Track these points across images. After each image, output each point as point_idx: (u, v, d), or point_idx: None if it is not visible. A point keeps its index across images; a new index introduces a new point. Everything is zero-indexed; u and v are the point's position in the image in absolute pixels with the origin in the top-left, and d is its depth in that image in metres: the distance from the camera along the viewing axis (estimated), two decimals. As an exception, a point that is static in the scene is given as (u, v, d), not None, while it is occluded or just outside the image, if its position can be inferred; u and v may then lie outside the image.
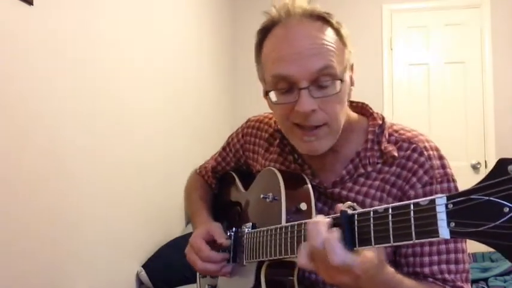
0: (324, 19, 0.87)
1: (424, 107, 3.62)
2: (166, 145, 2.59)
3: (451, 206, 0.50)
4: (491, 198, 0.46)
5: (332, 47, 0.85)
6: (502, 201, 0.45)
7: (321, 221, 0.67)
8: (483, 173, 3.50)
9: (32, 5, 1.56)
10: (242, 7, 3.90)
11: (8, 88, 1.47)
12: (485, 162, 3.50)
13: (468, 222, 0.48)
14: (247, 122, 1.22)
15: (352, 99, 0.98)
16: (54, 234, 1.66)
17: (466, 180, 0.96)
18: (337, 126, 0.89)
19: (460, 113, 3.56)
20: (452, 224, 0.50)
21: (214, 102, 3.46)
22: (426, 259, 0.88)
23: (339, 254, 0.62)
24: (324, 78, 0.84)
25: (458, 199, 0.50)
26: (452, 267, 0.88)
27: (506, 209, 0.45)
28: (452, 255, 0.88)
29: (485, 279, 2.26)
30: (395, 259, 0.93)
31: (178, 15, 2.85)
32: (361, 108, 1.02)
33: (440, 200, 0.52)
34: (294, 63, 0.83)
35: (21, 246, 1.51)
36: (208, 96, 3.32)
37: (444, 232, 0.51)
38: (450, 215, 0.50)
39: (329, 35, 0.86)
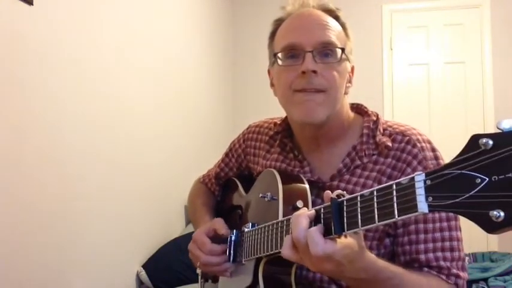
0: (331, 12, 1.00)
1: (424, 107, 3.62)
2: (166, 145, 2.59)
3: (429, 181, 0.53)
4: (464, 172, 0.49)
5: (336, 31, 0.97)
6: (474, 173, 0.48)
7: (302, 214, 0.71)
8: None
9: (32, 5, 1.57)
10: (242, 7, 3.91)
11: (8, 88, 1.48)
12: (486, 162, 3.50)
13: (444, 195, 0.51)
14: (248, 128, 1.26)
15: (352, 98, 1.04)
16: (54, 234, 1.66)
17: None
18: (334, 97, 0.95)
19: (460, 113, 3.56)
20: (430, 199, 0.52)
21: (214, 102, 3.46)
22: (421, 246, 0.90)
23: (319, 244, 0.66)
24: (327, 48, 0.95)
25: (435, 175, 0.52)
26: (448, 254, 0.90)
27: (478, 180, 0.47)
28: (447, 243, 0.90)
29: (485, 279, 2.26)
30: (393, 249, 0.95)
31: (178, 16, 2.86)
32: (356, 108, 1.07)
33: (419, 177, 0.54)
34: (302, 33, 0.96)
35: (21, 246, 1.51)
36: (208, 96, 3.33)
37: (423, 206, 0.53)
38: (428, 190, 0.53)
39: (334, 24, 0.99)
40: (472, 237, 2.02)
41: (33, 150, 1.57)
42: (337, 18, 1.00)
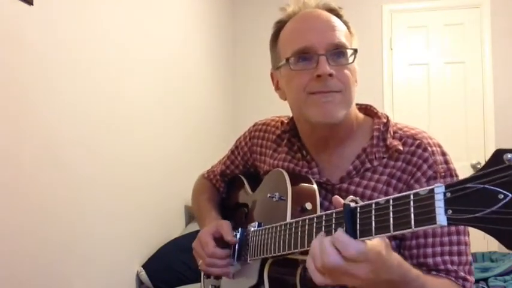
0: (334, 11, 1.00)
1: (424, 107, 3.62)
2: (166, 145, 2.59)
3: (449, 194, 0.52)
4: (486, 186, 0.48)
5: (343, 31, 0.97)
6: (497, 189, 0.47)
7: (319, 238, 0.70)
8: (483, 173, 3.49)
9: (32, 5, 1.56)
10: (242, 7, 3.91)
11: (8, 88, 1.47)
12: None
13: (465, 209, 0.50)
14: (254, 125, 1.24)
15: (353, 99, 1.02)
16: (54, 234, 1.66)
17: (466, 180, 0.97)
18: (349, 96, 0.95)
19: (460, 113, 3.55)
20: (450, 212, 0.52)
21: (215, 102, 3.46)
22: (429, 250, 0.90)
23: (350, 244, 0.64)
24: (339, 50, 0.94)
25: (456, 187, 0.51)
26: (455, 258, 0.90)
27: (501, 196, 0.46)
28: (455, 247, 0.90)
29: (485, 279, 2.26)
30: (400, 252, 0.94)
31: (178, 16, 2.86)
32: (365, 110, 1.06)
33: (439, 189, 0.53)
34: (313, 35, 0.94)
35: (21, 246, 1.51)
36: (208, 95, 3.33)
37: (442, 219, 0.52)
38: (448, 203, 0.52)
39: (340, 23, 0.98)
40: (472, 237, 2.01)
41: (33, 150, 1.57)
42: (339, 16, 0.99)
